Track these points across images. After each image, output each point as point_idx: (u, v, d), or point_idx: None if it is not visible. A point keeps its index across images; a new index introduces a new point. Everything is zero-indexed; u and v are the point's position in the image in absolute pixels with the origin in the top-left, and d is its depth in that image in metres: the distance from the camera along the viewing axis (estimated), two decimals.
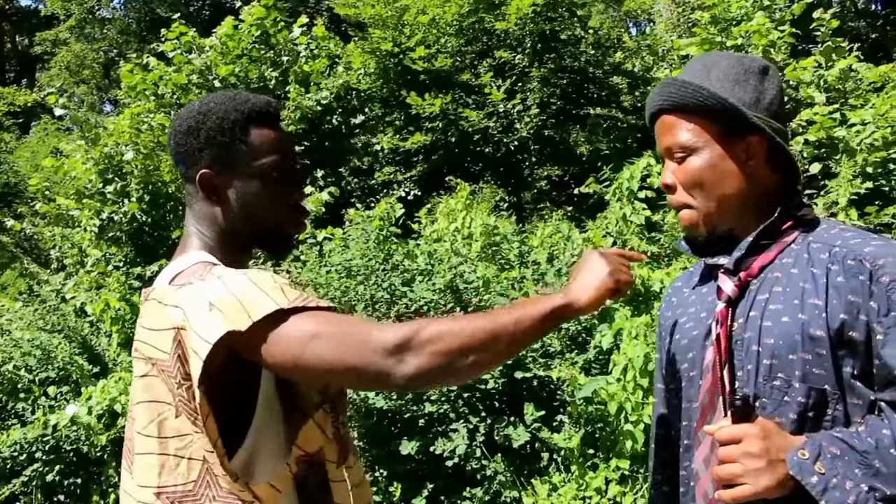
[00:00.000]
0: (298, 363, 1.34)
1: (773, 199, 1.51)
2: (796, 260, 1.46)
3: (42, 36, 26.89)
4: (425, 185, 9.54)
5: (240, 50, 9.54)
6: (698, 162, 1.50)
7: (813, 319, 1.37)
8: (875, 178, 6.31)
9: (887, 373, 1.31)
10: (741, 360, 1.45)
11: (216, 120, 1.56)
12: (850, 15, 16.93)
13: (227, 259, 1.57)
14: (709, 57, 1.58)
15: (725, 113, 1.47)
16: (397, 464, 4.50)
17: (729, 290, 1.50)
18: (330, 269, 5.43)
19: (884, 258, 1.36)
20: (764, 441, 1.29)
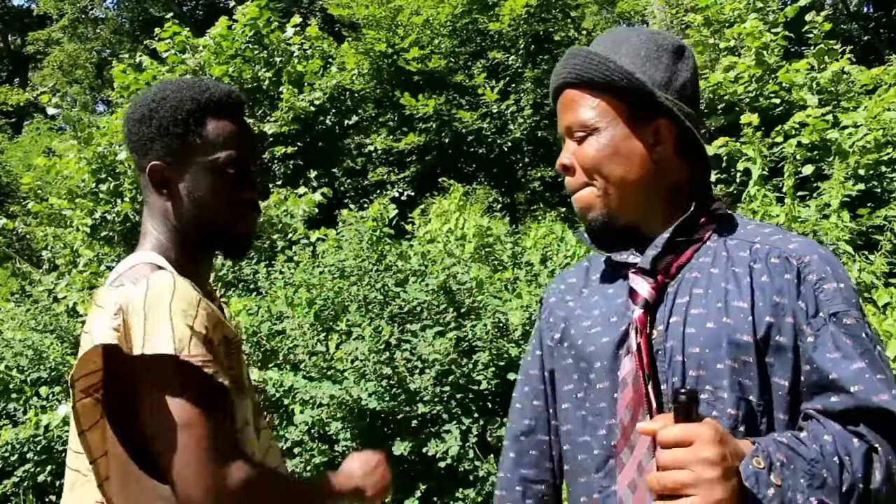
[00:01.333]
0: (151, 435, 1.29)
1: (683, 191, 1.37)
2: (715, 259, 1.32)
3: (34, 35, 26.79)
4: (419, 185, 9.55)
5: (233, 50, 9.53)
6: (600, 142, 1.34)
7: (739, 323, 1.24)
8: (867, 180, 6.34)
9: (821, 377, 1.19)
10: (664, 372, 1.29)
11: (170, 108, 1.45)
12: (842, 17, 17.00)
13: (183, 259, 1.48)
14: (622, 31, 1.42)
15: (633, 90, 1.32)
16: (389, 464, 4.49)
17: (646, 293, 1.33)
18: (323, 270, 5.43)
19: (809, 255, 1.26)
20: (720, 445, 1.07)
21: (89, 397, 1.31)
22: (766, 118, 7.13)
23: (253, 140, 1.55)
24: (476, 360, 4.48)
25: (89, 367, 1.31)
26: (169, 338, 1.25)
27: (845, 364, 1.17)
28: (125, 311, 1.28)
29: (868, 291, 5.11)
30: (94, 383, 1.32)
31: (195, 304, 1.32)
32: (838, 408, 1.17)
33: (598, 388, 1.37)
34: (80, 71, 25.49)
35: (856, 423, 1.15)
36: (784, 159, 6.42)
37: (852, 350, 1.19)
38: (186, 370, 1.27)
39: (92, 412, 1.32)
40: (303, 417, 4.50)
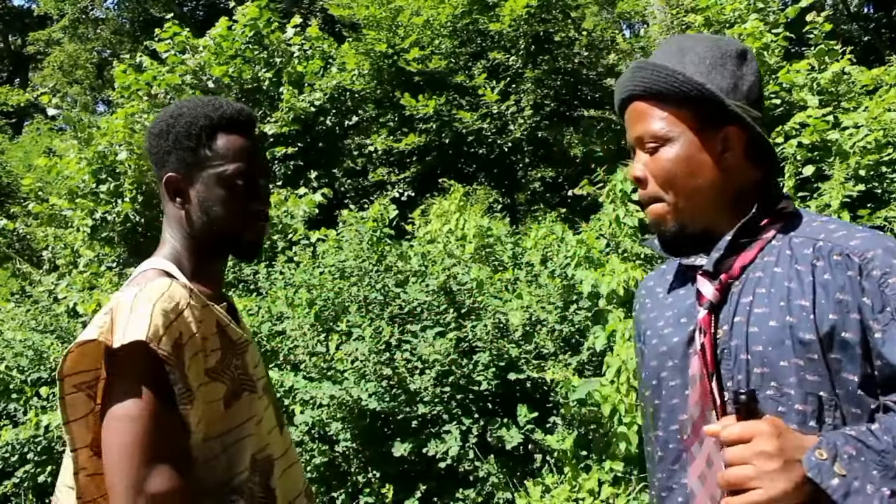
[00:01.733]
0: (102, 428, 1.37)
1: (751, 194, 1.39)
2: (779, 257, 1.34)
3: (35, 36, 26.78)
4: (419, 186, 9.55)
5: (233, 50, 9.53)
6: (672, 153, 1.37)
7: (801, 322, 1.26)
8: (867, 180, 6.33)
9: (891, 371, 1.20)
10: (729, 370, 1.33)
11: (185, 124, 1.57)
12: (842, 18, 17.00)
13: (196, 264, 1.60)
14: (684, 39, 1.44)
15: (702, 100, 1.34)
16: (390, 465, 4.49)
17: (710, 295, 1.37)
18: (323, 271, 5.43)
19: (872, 251, 1.26)
20: (778, 439, 1.14)
21: (81, 392, 1.40)
22: (767, 119, 7.13)
23: (261, 155, 1.65)
24: (476, 360, 4.48)
25: (84, 366, 1.40)
26: (145, 327, 1.35)
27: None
28: (114, 310, 1.39)
29: None
30: (89, 380, 1.41)
31: (180, 310, 1.43)
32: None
33: (671, 386, 1.42)
34: (81, 71, 25.49)
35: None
36: (784, 160, 6.42)
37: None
38: (150, 360, 1.35)
39: (81, 405, 1.40)
40: (303, 418, 4.49)
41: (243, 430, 1.54)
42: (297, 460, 1.77)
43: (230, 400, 1.52)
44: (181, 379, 1.38)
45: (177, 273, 1.55)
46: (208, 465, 1.47)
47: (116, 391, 1.36)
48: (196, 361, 1.43)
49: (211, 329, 1.50)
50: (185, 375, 1.39)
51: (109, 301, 1.45)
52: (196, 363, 1.43)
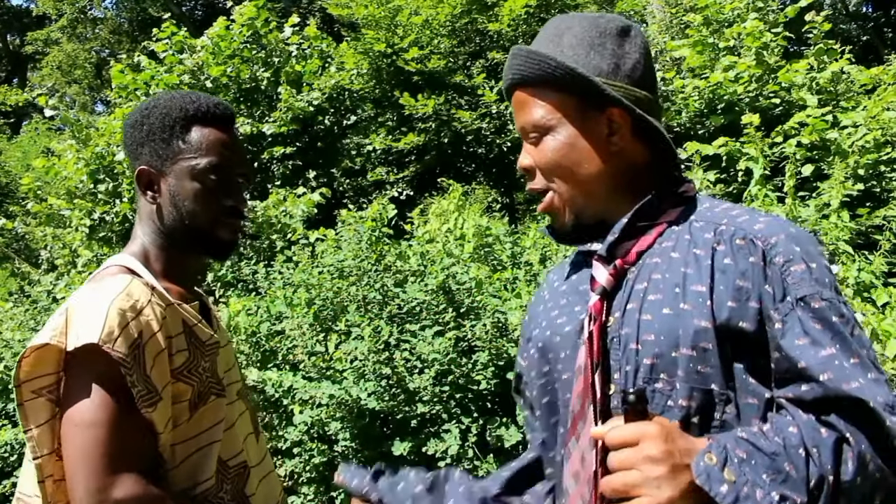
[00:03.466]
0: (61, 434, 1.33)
1: (648, 176, 1.33)
2: (677, 242, 1.27)
3: (33, 35, 26.79)
4: (418, 185, 9.55)
5: (231, 50, 9.52)
6: (555, 142, 1.31)
7: (696, 309, 1.18)
8: (866, 180, 6.34)
9: (789, 366, 1.13)
10: (618, 361, 1.24)
11: (159, 115, 1.53)
12: (841, 17, 17.01)
13: (166, 261, 1.56)
14: (562, 20, 1.37)
15: (577, 85, 1.28)
16: (389, 464, 4.49)
17: (603, 280, 1.29)
18: (322, 270, 5.42)
19: (776, 236, 1.20)
20: (666, 443, 1.06)
21: (40, 398, 1.34)
22: (766, 118, 7.14)
23: (240, 151, 1.59)
24: (475, 359, 4.48)
25: (43, 370, 1.34)
26: (98, 328, 1.30)
27: (814, 351, 1.12)
28: (68, 311, 1.35)
29: (867, 291, 5.12)
30: (48, 385, 1.35)
31: (139, 308, 1.37)
32: (808, 397, 1.12)
33: (563, 379, 1.33)
34: (79, 71, 25.49)
35: (828, 413, 1.10)
36: (784, 159, 6.42)
37: (822, 335, 1.13)
38: (105, 362, 1.31)
39: (42, 411, 1.34)
40: (302, 417, 4.49)
41: (210, 436, 1.48)
42: (273, 469, 1.72)
43: (196, 403, 1.46)
44: (142, 380, 1.33)
45: (141, 270, 1.50)
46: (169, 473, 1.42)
47: (73, 395, 1.32)
48: (160, 361, 1.38)
49: (177, 328, 1.45)
50: (148, 376, 1.34)
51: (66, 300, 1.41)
52: (160, 363, 1.38)
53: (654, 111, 1.33)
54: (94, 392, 1.31)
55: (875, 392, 1.08)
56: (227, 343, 1.67)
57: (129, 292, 1.39)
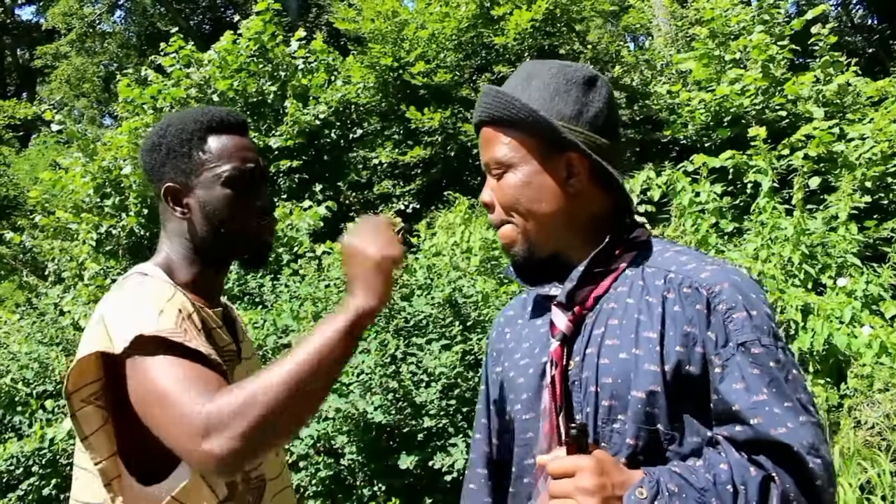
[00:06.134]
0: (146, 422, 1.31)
1: (605, 221, 1.40)
2: (631, 288, 1.34)
3: (42, 50, 26.94)
4: (424, 198, 9.56)
5: (238, 64, 9.55)
6: (514, 179, 1.38)
7: (647, 354, 1.27)
8: (874, 192, 6.33)
9: (725, 408, 1.21)
10: (579, 403, 1.33)
11: (175, 132, 1.55)
12: (846, 30, 17.01)
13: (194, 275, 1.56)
14: (534, 65, 1.45)
15: (539, 127, 1.35)
16: (395, 478, 4.47)
17: (563, 326, 1.37)
18: (329, 283, 5.42)
19: (720, 285, 1.27)
20: (599, 476, 1.16)
21: (90, 405, 1.38)
22: (773, 130, 7.13)
23: (256, 154, 1.62)
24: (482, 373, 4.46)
25: (87, 379, 1.38)
26: (137, 322, 1.32)
27: (747, 396, 1.20)
28: (105, 318, 1.37)
29: (876, 304, 5.10)
30: (95, 392, 1.38)
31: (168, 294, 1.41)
32: (740, 438, 1.20)
33: (524, 419, 1.42)
34: (88, 84, 25.63)
35: (758, 453, 1.18)
36: (791, 171, 6.41)
37: (757, 380, 1.20)
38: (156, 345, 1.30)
39: (93, 417, 1.38)
40: (308, 431, 4.48)
41: None
42: (290, 484, 1.73)
43: None
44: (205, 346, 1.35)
45: (160, 275, 1.52)
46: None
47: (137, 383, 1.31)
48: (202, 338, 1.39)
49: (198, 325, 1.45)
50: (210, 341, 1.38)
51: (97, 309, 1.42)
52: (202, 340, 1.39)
53: (614, 158, 1.39)
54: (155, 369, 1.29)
55: (801, 436, 1.17)
56: (251, 356, 1.69)
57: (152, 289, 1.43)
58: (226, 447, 1.19)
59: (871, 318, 4.89)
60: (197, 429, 1.20)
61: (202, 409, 1.21)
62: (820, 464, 1.16)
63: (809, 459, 1.16)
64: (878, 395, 4.47)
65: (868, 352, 4.59)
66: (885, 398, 4.42)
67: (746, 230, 6.00)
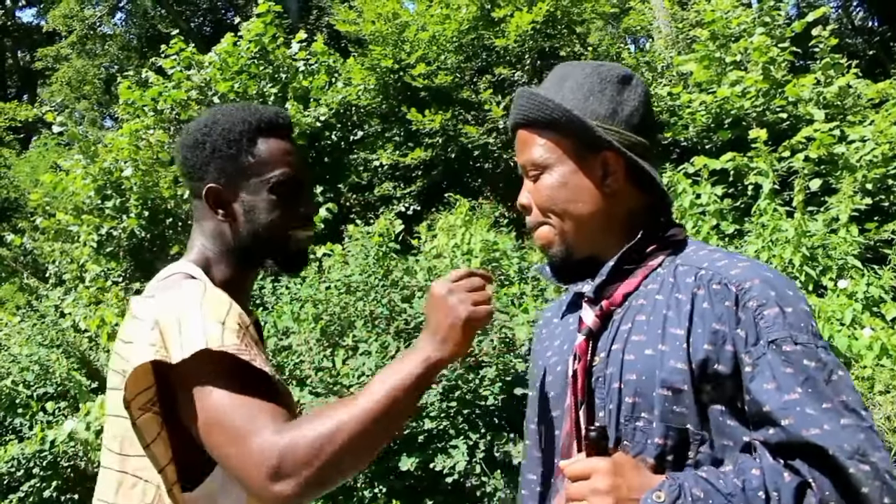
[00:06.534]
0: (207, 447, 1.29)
1: (641, 219, 1.39)
2: (662, 285, 1.32)
3: (43, 52, 26.97)
4: (425, 200, 9.55)
5: (238, 66, 9.56)
6: (551, 180, 1.38)
7: (673, 350, 1.23)
8: (874, 194, 6.32)
9: (756, 409, 1.17)
10: (603, 399, 1.30)
11: (222, 132, 1.50)
12: (847, 32, 17.01)
13: (228, 276, 1.53)
14: (567, 67, 1.44)
15: (574, 127, 1.35)
16: (396, 480, 4.47)
17: (589, 321, 1.36)
18: (329, 286, 5.42)
19: (750, 281, 1.23)
20: (614, 477, 1.15)
21: (148, 412, 1.33)
22: (774, 133, 7.13)
23: (303, 158, 1.58)
24: (483, 375, 4.47)
25: (142, 386, 1.33)
26: (201, 334, 1.27)
27: (778, 396, 1.15)
28: (160, 323, 1.31)
29: (876, 305, 5.09)
30: (151, 398, 1.34)
31: (227, 304, 1.36)
32: (773, 441, 1.15)
33: (554, 417, 1.41)
34: (89, 87, 25.65)
35: (793, 458, 1.13)
36: (792, 174, 6.41)
37: (790, 379, 1.15)
38: (218, 361, 1.27)
39: (152, 426, 1.33)
40: None
41: None
42: None
43: None
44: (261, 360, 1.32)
45: (202, 278, 1.47)
46: None
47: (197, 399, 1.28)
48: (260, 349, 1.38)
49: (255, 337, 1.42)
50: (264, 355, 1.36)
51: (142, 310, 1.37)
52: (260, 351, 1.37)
53: (650, 157, 1.38)
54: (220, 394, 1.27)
55: (840, 439, 1.10)
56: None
57: (209, 295, 1.37)
58: (298, 486, 1.19)
59: (872, 320, 4.89)
60: (269, 469, 1.19)
61: (274, 448, 1.20)
62: (868, 471, 1.08)
63: (851, 465, 1.08)
64: (879, 397, 4.46)
65: (869, 354, 4.59)
66: (886, 400, 4.41)
67: (747, 232, 6.00)
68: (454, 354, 1.29)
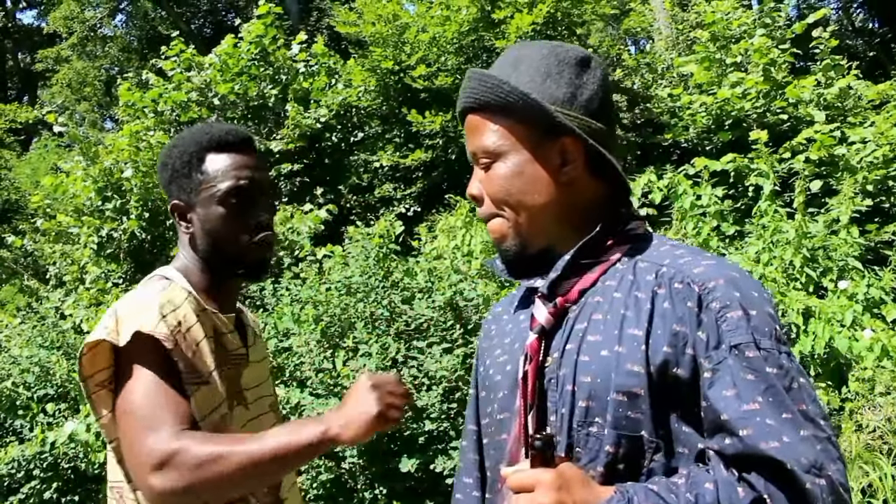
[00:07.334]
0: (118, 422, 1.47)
1: (600, 212, 1.29)
2: (620, 282, 1.23)
3: (44, 53, 26.97)
4: (425, 202, 9.55)
5: (238, 67, 9.56)
6: (504, 169, 1.28)
7: (631, 352, 1.15)
8: (875, 195, 6.32)
9: (714, 417, 1.09)
10: (554, 403, 1.21)
11: (179, 153, 1.67)
12: (847, 33, 17.01)
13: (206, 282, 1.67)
14: (523, 47, 1.34)
15: (530, 111, 1.25)
16: (397, 481, 4.47)
17: (542, 319, 1.26)
18: (330, 287, 5.42)
19: (714, 280, 1.15)
20: (558, 492, 1.06)
21: (103, 389, 1.51)
22: (774, 134, 7.13)
23: (258, 169, 1.70)
24: None
25: (100, 365, 1.51)
26: (143, 319, 1.46)
27: (737, 404, 1.07)
28: (118, 312, 1.50)
29: (877, 307, 5.09)
30: (107, 378, 1.51)
31: (177, 304, 1.53)
32: (729, 452, 1.08)
33: (499, 420, 1.32)
34: (89, 88, 25.66)
35: (749, 471, 1.06)
36: (792, 175, 6.41)
37: (750, 387, 1.08)
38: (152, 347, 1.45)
39: (106, 401, 1.51)
40: None
41: None
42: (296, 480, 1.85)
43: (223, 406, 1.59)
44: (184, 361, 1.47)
45: (180, 280, 1.62)
46: None
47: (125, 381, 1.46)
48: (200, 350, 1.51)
49: (209, 331, 1.57)
50: (192, 360, 1.48)
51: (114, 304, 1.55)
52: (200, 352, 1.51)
53: (610, 144, 1.29)
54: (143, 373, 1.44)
55: (798, 452, 1.03)
56: (262, 359, 1.79)
57: (169, 291, 1.55)
58: (169, 487, 1.34)
59: (873, 321, 4.89)
60: (154, 461, 1.35)
61: (164, 448, 1.36)
62: (823, 485, 1.02)
63: (808, 480, 1.02)
64: (880, 398, 4.46)
65: (869, 355, 4.59)
66: (887, 401, 4.41)
67: (748, 233, 6.00)
68: (351, 440, 1.39)
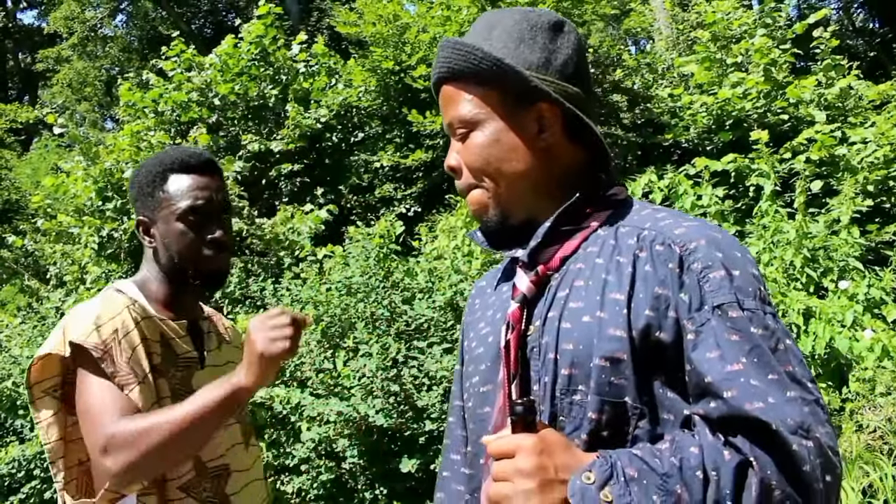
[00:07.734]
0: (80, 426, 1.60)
1: (579, 178, 1.27)
2: (602, 248, 1.20)
3: (44, 53, 26.99)
4: (425, 202, 9.54)
5: (239, 68, 9.56)
6: (481, 138, 1.26)
7: (612, 317, 1.12)
8: (876, 196, 6.32)
9: (699, 380, 1.06)
10: (537, 371, 1.18)
11: (144, 173, 1.81)
12: (848, 33, 17.01)
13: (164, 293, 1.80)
14: (495, 14, 1.32)
15: (505, 77, 1.22)
16: (397, 482, 4.47)
17: (524, 288, 1.24)
18: (330, 287, 5.42)
19: (696, 241, 1.13)
20: (539, 456, 1.03)
21: (48, 396, 1.66)
22: (775, 134, 7.13)
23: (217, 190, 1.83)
24: None
25: (48, 374, 1.65)
26: (79, 330, 1.60)
27: (721, 365, 1.05)
28: (65, 325, 1.63)
29: (878, 307, 5.09)
30: (52, 386, 1.66)
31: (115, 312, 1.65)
32: (714, 415, 1.04)
33: (482, 392, 1.30)
34: (90, 88, 25.67)
35: (734, 433, 1.02)
36: (793, 175, 6.41)
37: (734, 348, 1.05)
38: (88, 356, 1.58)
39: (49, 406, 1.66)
40: (310, 435, 4.48)
41: None
42: (262, 477, 1.94)
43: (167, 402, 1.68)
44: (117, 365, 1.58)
45: (132, 291, 1.76)
46: None
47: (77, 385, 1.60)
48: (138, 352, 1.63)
49: (154, 335, 1.70)
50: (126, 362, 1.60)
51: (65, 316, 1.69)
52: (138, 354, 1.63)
53: (588, 109, 1.27)
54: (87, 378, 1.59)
55: (785, 413, 1.00)
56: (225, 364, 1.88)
57: (109, 302, 1.68)
58: (118, 467, 1.49)
59: (873, 321, 4.89)
60: (101, 446, 1.51)
61: (106, 430, 1.51)
62: (810, 447, 0.99)
63: (794, 441, 0.99)
64: (880, 398, 4.46)
65: (870, 355, 4.59)
66: (887, 402, 4.41)
67: (748, 233, 6.00)
68: (255, 383, 1.51)
